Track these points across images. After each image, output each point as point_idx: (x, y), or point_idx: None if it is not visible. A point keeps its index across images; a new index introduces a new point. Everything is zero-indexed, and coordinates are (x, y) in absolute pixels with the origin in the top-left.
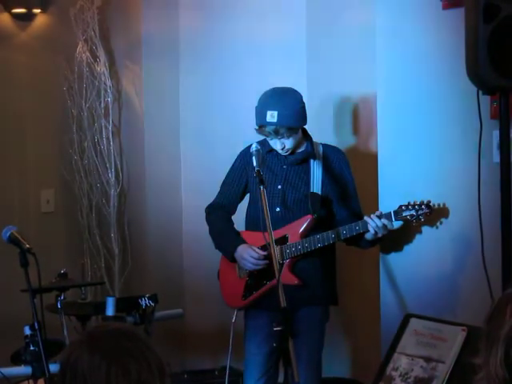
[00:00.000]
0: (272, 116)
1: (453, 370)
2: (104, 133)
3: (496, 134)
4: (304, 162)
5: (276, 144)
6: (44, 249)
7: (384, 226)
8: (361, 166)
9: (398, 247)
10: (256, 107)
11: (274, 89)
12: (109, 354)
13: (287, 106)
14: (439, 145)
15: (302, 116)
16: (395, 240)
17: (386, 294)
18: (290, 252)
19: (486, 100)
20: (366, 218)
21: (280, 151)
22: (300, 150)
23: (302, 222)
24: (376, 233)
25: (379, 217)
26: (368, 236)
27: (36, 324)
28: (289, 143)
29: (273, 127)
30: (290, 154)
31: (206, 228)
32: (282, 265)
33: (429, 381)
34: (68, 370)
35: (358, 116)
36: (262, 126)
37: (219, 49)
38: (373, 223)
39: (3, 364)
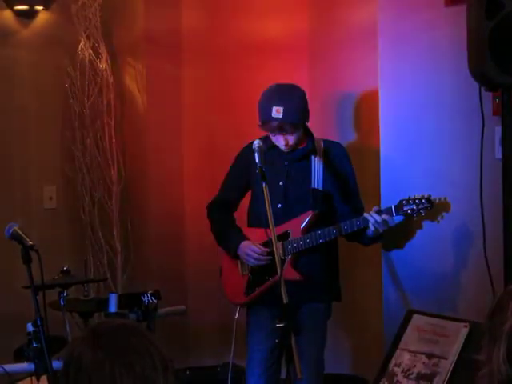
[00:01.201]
0: (278, 112)
1: (455, 366)
2: (106, 130)
3: (498, 130)
4: (305, 158)
5: (279, 140)
6: (46, 245)
7: (384, 221)
8: (363, 162)
9: (399, 243)
10: (260, 102)
11: (278, 84)
12: (112, 350)
13: (293, 102)
14: (441, 141)
15: (306, 112)
16: (397, 236)
17: (389, 290)
18: (292, 248)
19: (488, 96)
20: (365, 215)
21: (283, 147)
22: (301, 147)
23: (304, 217)
24: (376, 229)
25: (378, 213)
26: (369, 233)
27: (39, 321)
28: (292, 139)
29: (278, 123)
30: (291, 151)
31: (209, 224)
32: (284, 261)
33: (431, 377)
34: (71, 366)
35: (360, 112)
36: (266, 121)
37: (221, 46)
38: (372, 219)
39: (6, 361)
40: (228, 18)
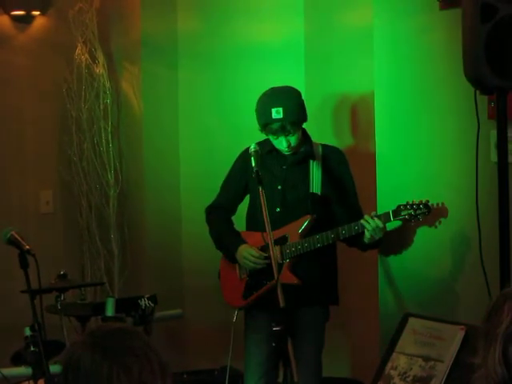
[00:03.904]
0: (277, 112)
1: (451, 369)
2: (103, 134)
3: (493, 133)
4: (303, 162)
5: (282, 142)
6: (43, 250)
7: (378, 227)
8: (359, 166)
9: (396, 247)
10: (257, 108)
11: (273, 88)
12: (111, 354)
13: (291, 101)
14: (437, 144)
15: (304, 111)
16: (394, 240)
17: (385, 294)
18: (290, 252)
19: (483, 100)
20: (361, 221)
21: (285, 150)
22: (299, 151)
23: (302, 222)
24: (372, 236)
25: (372, 218)
26: (364, 239)
27: (36, 325)
28: (294, 140)
29: (279, 124)
30: (289, 155)
31: (206, 228)
32: (281, 265)
33: (427, 380)
34: (70, 369)
35: (356, 116)
36: (267, 124)
37: (218, 50)
38: (368, 225)
39: (4, 365)
40: (224, 21)
